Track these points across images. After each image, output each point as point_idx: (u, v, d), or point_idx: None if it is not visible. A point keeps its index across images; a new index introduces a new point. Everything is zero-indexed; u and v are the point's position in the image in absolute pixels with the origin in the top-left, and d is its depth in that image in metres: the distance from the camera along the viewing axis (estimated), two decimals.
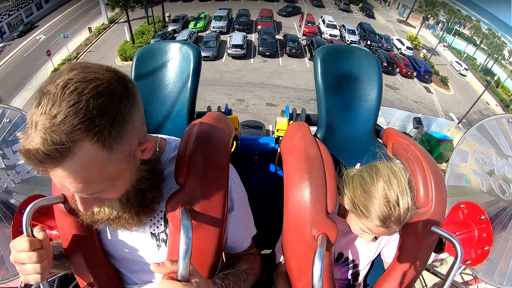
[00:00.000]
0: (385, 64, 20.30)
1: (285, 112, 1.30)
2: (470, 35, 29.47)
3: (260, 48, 20.21)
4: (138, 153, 0.63)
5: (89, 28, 21.53)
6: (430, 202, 0.83)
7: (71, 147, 0.49)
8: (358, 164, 0.94)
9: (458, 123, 15.69)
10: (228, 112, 1.35)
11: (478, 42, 28.90)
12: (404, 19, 31.60)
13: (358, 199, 0.80)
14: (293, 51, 20.29)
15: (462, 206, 1.21)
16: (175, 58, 1.12)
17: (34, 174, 1.18)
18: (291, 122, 1.23)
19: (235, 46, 19.51)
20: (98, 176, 0.55)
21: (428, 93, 20.38)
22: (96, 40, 20.87)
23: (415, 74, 21.23)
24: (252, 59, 19.95)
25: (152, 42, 19.30)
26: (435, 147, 11.34)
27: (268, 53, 20.04)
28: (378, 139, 1.12)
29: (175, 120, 1.11)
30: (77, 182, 0.53)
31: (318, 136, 1.08)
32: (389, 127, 1.09)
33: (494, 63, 26.74)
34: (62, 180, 0.53)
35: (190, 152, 0.74)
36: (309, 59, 20.33)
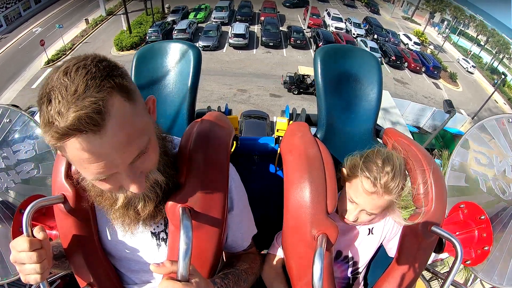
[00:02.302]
0: (393, 57, 20.04)
1: (285, 112, 1.30)
2: (475, 35, 29.63)
3: (263, 38, 19.51)
4: (149, 111, 0.65)
5: (86, 20, 21.28)
6: (430, 202, 0.83)
7: (106, 106, 0.49)
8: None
9: (473, 118, 15.43)
10: (228, 112, 1.35)
11: (483, 41, 29.05)
12: (409, 17, 31.59)
13: (357, 161, 0.89)
14: (298, 42, 19.72)
15: (462, 206, 1.21)
16: (175, 58, 1.12)
17: (34, 174, 1.18)
18: (291, 122, 1.23)
19: (237, 35, 18.93)
20: (134, 131, 0.55)
21: (437, 89, 20.13)
22: (92, 32, 20.56)
23: (423, 69, 20.86)
24: (254, 50, 19.36)
25: (149, 31, 18.99)
26: (450, 142, 11.18)
27: (271, 44, 19.36)
28: (378, 139, 1.12)
29: (175, 120, 1.11)
30: (123, 145, 0.53)
31: (318, 136, 1.08)
32: (389, 127, 1.09)
33: (500, 63, 26.72)
34: (108, 152, 0.52)
35: (190, 151, 0.74)
36: (314, 51, 19.86)
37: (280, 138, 1.22)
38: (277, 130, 1.26)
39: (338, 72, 1.09)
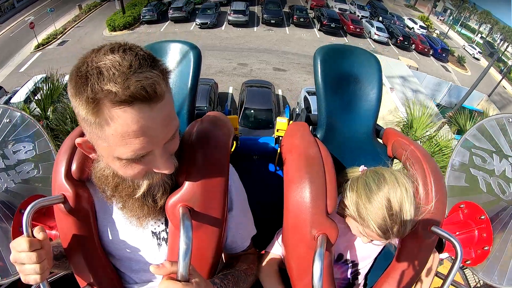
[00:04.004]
0: (401, 38, 19.91)
1: (285, 112, 1.30)
2: (477, 27, 29.62)
3: (265, 16, 18.77)
4: None
5: (79, 6, 20.94)
6: (430, 202, 0.83)
7: (159, 82, 0.53)
8: (362, 167, 0.92)
9: (489, 95, 15.14)
10: (228, 112, 1.35)
11: (487, 30, 28.95)
12: (412, 5, 31.57)
13: (361, 207, 0.79)
14: (301, 20, 19.27)
15: (462, 206, 1.21)
16: (175, 58, 1.12)
17: (34, 174, 1.18)
18: (291, 122, 1.24)
19: (236, 12, 18.29)
20: (173, 111, 0.60)
21: (447, 71, 19.91)
22: (85, 16, 20.26)
23: (431, 52, 20.70)
24: (255, 27, 18.72)
25: (144, 10, 18.51)
26: (467, 119, 10.98)
27: (273, 21, 18.71)
28: (378, 139, 1.12)
29: None
30: (166, 121, 0.57)
31: (318, 136, 1.08)
32: (389, 127, 1.09)
33: (502, 54, 26.48)
34: (155, 126, 0.55)
35: (190, 151, 0.74)
36: (319, 30, 19.37)
37: (280, 138, 1.22)
38: (277, 130, 1.26)
39: (338, 72, 1.09)
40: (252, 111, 8.50)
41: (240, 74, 13.35)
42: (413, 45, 20.57)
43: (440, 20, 29.43)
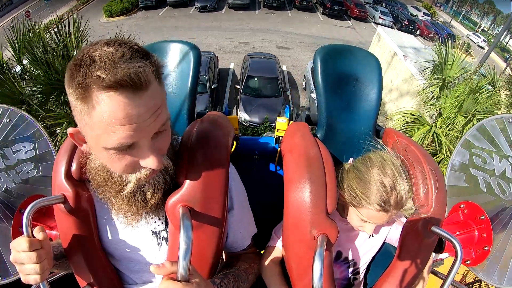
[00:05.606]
0: (406, 22, 19.84)
1: (285, 112, 1.30)
2: (479, 17, 29.83)
3: None
4: None
5: None
6: (430, 202, 0.83)
7: (147, 71, 0.54)
8: (351, 159, 0.96)
9: (500, 75, 15.17)
10: (227, 112, 1.35)
11: (490, 21, 29.05)
12: None
13: (355, 188, 0.83)
14: (304, 3, 19.20)
15: (462, 206, 1.21)
16: (175, 58, 1.12)
17: (34, 174, 1.18)
18: (291, 122, 1.24)
19: None
20: (162, 104, 0.60)
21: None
22: (83, 7, 20.06)
23: (436, 38, 20.29)
24: (256, 11, 18.58)
25: None
26: None
27: (275, 4, 18.61)
28: (378, 139, 1.12)
29: (176, 120, 1.11)
30: (155, 110, 0.57)
31: (318, 136, 1.08)
32: (389, 127, 1.09)
33: (506, 45, 26.37)
34: (142, 113, 0.55)
35: (190, 151, 0.75)
36: (322, 13, 19.29)
37: (280, 138, 1.23)
38: (277, 130, 1.27)
39: (339, 72, 1.09)
40: (255, 79, 8.18)
41: (241, 52, 12.90)
42: (418, 31, 20.32)
43: (437, 6, 29.51)
